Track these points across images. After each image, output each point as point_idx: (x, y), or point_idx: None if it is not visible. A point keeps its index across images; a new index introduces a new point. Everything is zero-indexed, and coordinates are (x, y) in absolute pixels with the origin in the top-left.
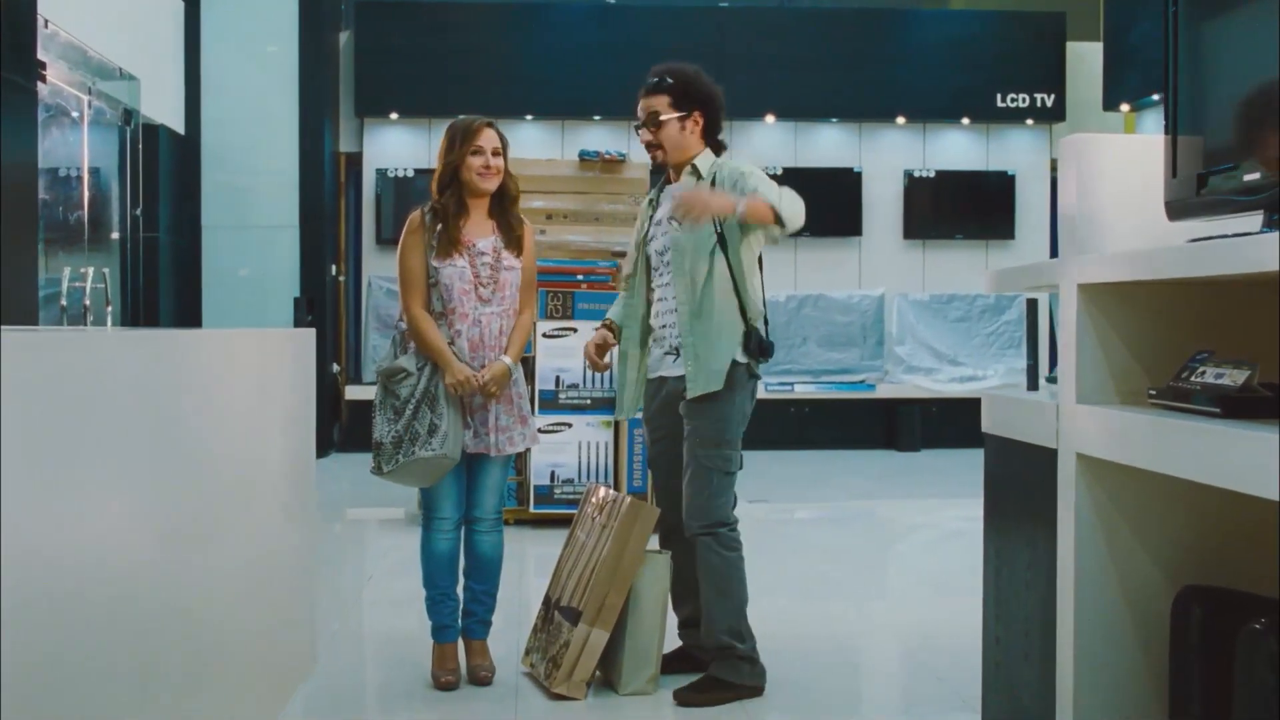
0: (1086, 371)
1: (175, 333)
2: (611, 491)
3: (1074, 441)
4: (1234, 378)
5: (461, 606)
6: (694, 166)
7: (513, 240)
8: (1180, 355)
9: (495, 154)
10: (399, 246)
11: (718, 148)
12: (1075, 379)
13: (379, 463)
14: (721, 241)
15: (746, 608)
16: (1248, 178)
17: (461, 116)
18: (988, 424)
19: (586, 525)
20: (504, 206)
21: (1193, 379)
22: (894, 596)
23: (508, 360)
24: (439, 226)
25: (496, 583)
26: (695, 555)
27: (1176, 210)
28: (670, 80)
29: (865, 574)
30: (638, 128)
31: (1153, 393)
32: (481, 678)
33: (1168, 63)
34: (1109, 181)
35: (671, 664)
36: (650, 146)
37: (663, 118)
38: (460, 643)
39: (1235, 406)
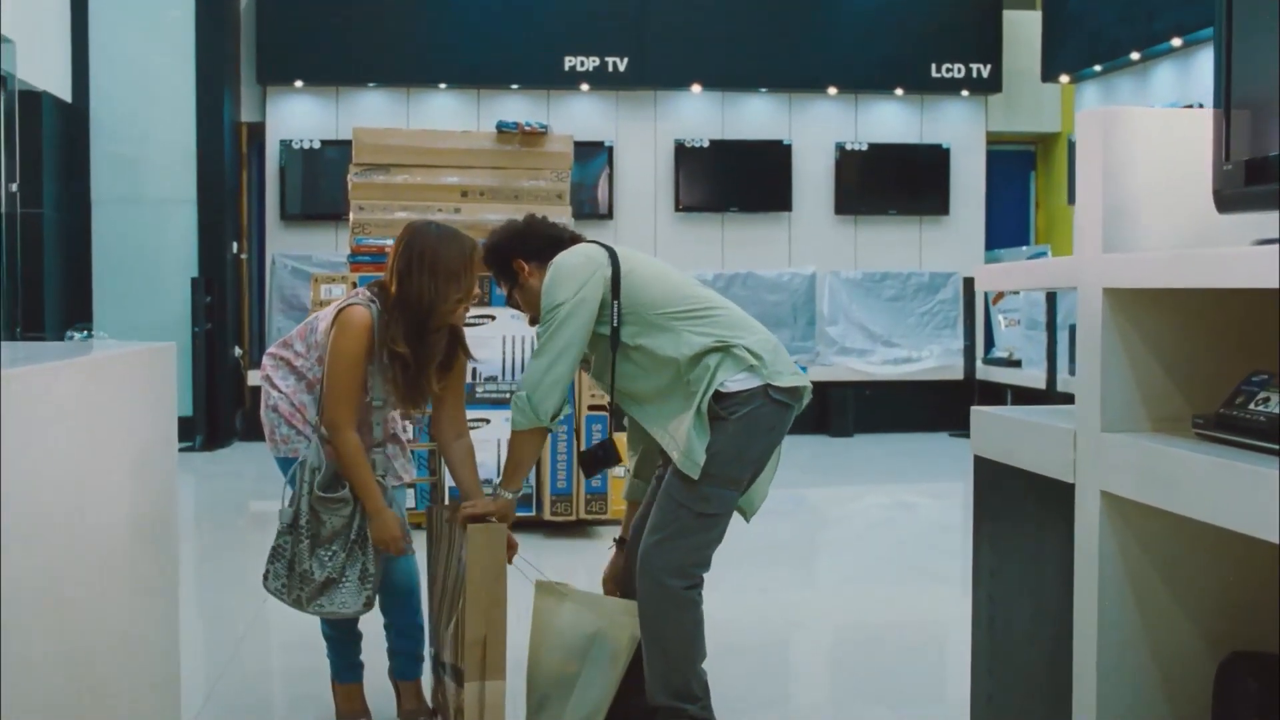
0: (1114, 393)
1: None
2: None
3: (1098, 477)
4: None
5: (387, 647)
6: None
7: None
8: (1228, 376)
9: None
10: (341, 339)
11: (556, 248)
12: (1100, 402)
13: (298, 596)
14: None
15: (701, 663)
16: None
17: (435, 223)
18: (980, 446)
19: (440, 559)
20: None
21: (1252, 407)
22: (836, 604)
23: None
24: (397, 367)
25: (421, 610)
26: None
27: (1228, 201)
28: (486, 260)
29: (803, 576)
30: None
31: (1199, 421)
32: None
33: (1220, 16)
34: (1141, 164)
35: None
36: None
37: (506, 291)
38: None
39: None
